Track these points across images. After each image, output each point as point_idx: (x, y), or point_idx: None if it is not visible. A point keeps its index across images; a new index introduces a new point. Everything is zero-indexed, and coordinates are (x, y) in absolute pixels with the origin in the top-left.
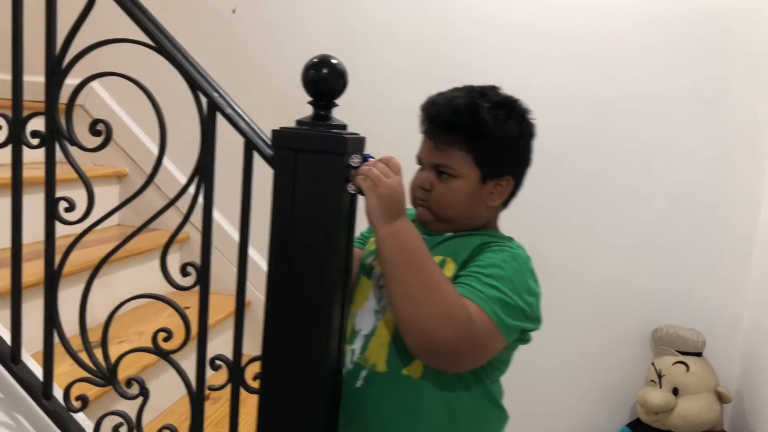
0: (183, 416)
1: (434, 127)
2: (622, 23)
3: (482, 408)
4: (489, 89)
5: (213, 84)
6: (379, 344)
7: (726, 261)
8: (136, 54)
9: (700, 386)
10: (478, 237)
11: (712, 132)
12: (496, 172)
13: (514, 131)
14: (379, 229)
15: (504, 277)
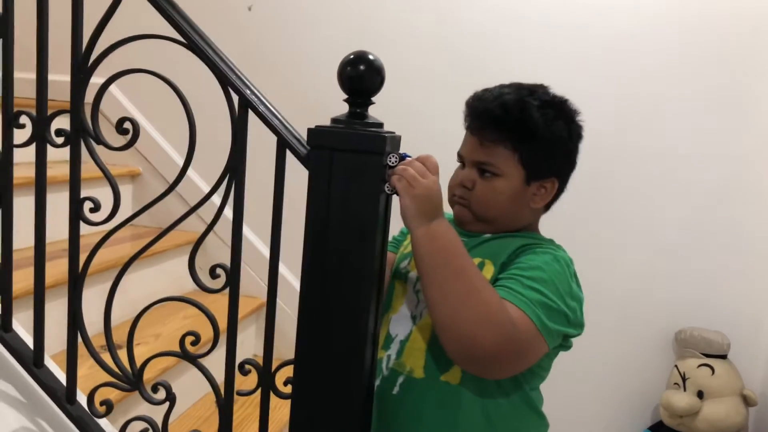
0: (202, 418)
1: (480, 123)
2: (653, 22)
3: (522, 415)
4: (538, 87)
5: (245, 80)
6: (416, 350)
7: (750, 263)
8: (151, 53)
9: (726, 389)
10: (519, 239)
11: (736, 134)
12: (542, 173)
13: (563, 132)
14: (414, 230)
15: (546, 280)
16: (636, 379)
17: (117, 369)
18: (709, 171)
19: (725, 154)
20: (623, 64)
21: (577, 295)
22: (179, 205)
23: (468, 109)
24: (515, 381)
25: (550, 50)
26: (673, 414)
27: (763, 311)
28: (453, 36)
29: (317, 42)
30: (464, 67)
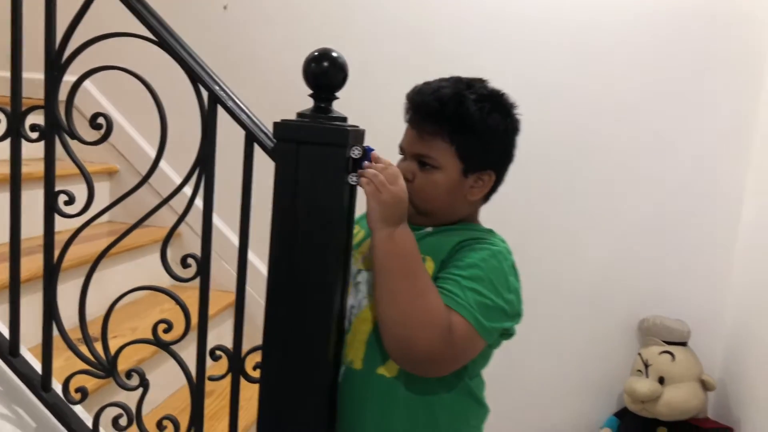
0: (178, 409)
1: (418, 117)
2: (614, 20)
3: (462, 404)
4: (476, 81)
5: (214, 77)
6: (358, 341)
7: (710, 254)
8: (126, 50)
9: (686, 375)
10: (458, 234)
11: (697, 130)
12: (479, 165)
13: (499, 125)
14: (376, 232)
15: (484, 278)
16: (601, 366)
17: (92, 357)
18: (672, 166)
19: (687, 150)
20: (589, 62)
21: (515, 287)
22: (156, 200)
23: (408, 103)
24: (454, 372)
25: (520, 46)
26: (636, 399)
27: (722, 300)
28: (429, 31)
29: (293, 39)
30: (440, 61)
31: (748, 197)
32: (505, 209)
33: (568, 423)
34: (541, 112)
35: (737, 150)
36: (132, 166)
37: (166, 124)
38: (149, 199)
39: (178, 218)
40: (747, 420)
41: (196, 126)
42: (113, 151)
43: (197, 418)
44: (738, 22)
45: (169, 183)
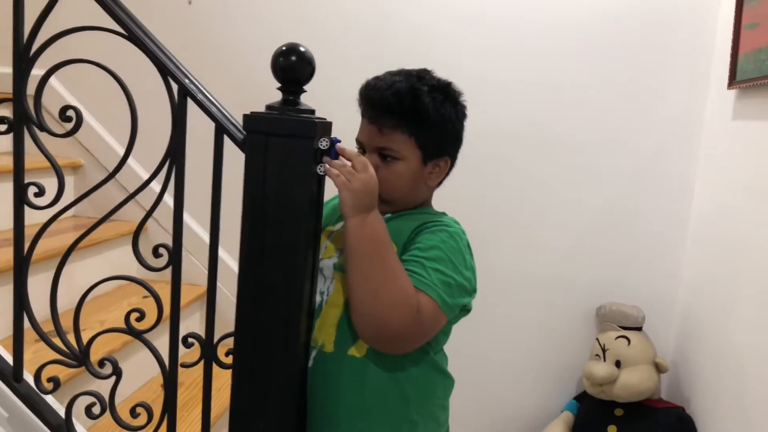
0: (150, 399)
1: (377, 112)
2: (571, 18)
3: (429, 378)
4: (424, 73)
5: (183, 70)
6: (327, 325)
7: (663, 243)
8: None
9: (640, 358)
10: (415, 218)
11: (649, 125)
12: (436, 153)
13: (451, 114)
14: (348, 219)
15: (444, 258)
16: (561, 352)
17: (64, 347)
18: (626, 158)
19: (641, 143)
20: (545, 59)
21: (471, 265)
22: (121, 194)
23: (363, 99)
24: (420, 348)
25: (478, 44)
26: (594, 383)
27: (674, 287)
28: (394, 29)
29: (259, 35)
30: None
31: (698, 190)
32: (468, 203)
33: (530, 407)
34: (499, 108)
35: (687, 144)
36: (96, 160)
37: (137, 118)
38: (114, 193)
39: (148, 211)
40: (696, 399)
41: (160, 120)
42: (77, 146)
43: (170, 404)
44: (686, 22)
45: (135, 177)
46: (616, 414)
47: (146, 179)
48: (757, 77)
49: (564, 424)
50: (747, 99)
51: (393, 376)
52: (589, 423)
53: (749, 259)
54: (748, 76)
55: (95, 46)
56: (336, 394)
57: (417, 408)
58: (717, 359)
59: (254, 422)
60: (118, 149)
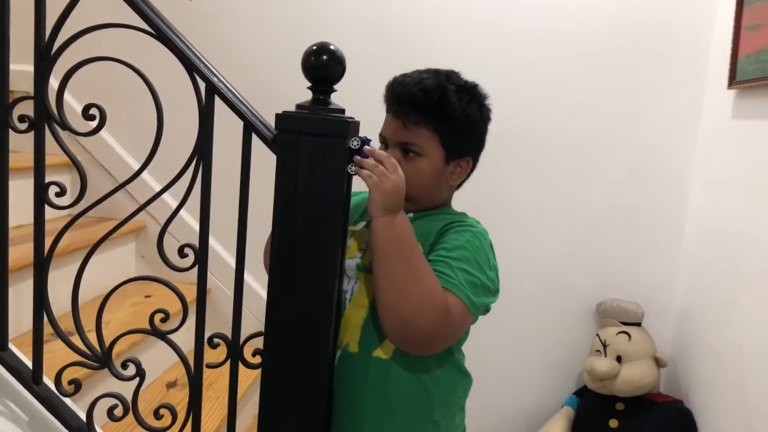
0: (157, 399)
1: (403, 107)
2: (572, 20)
3: (451, 377)
4: (452, 73)
5: (211, 68)
6: (352, 326)
7: (661, 241)
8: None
9: (641, 353)
10: (440, 218)
11: (648, 124)
12: (459, 152)
13: (477, 115)
14: (376, 220)
15: (470, 258)
16: (562, 348)
17: (86, 348)
18: (627, 156)
19: (641, 142)
20: (547, 60)
21: (494, 265)
22: (123, 194)
23: (390, 94)
24: (445, 349)
25: (479, 46)
26: (596, 378)
27: (672, 284)
28: (395, 29)
29: (262, 33)
30: (405, 57)
31: (695, 188)
32: (468, 203)
33: (532, 402)
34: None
35: (684, 142)
36: (94, 158)
37: (162, 117)
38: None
39: (174, 210)
40: (694, 393)
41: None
42: (73, 144)
43: (195, 405)
44: (684, 24)
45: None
46: (617, 408)
47: (176, 175)
48: (759, 77)
49: (565, 419)
50: (747, 99)
51: (418, 377)
52: (591, 417)
53: (746, 256)
54: (749, 76)
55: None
56: (361, 395)
57: (440, 408)
58: (715, 353)
59: (284, 421)
60: (115, 146)
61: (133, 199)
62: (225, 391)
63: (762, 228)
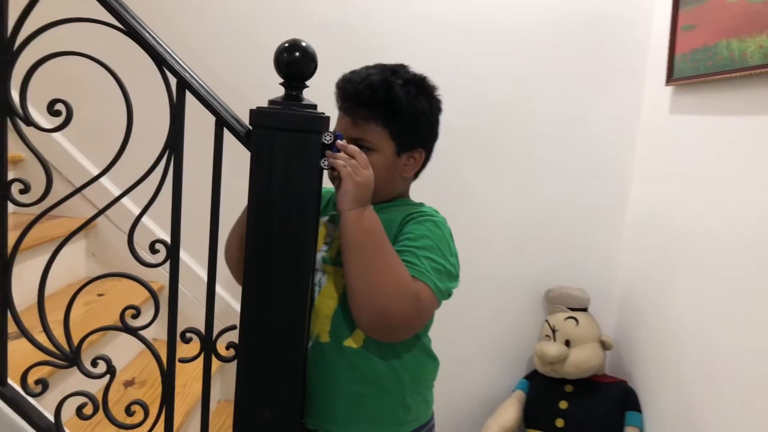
0: (114, 398)
1: (352, 104)
2: (519, 20)
3: (421, 361)
4: (399, 67)
5: (181, 63)
6: (322, 317)
7: (605, 229)
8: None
9: (588, 337)
10: (399, 210)
11: (592, 117)
12: (410, 144)
13: (425, 106)
14: (348, 211)
15: (433, 247)
16: (513, 334)
17: (53, 347)
18: (572, 148)
19: (580, 138)
20: (496, 56)
21: (455, 252)
22: (66, 188)
23: (338, 91)
24: (422, 344)
25: (434, 46)
26: (546, 362)
27: (615, 270)
28: (356, 26)
29: (224, 28)
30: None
31: (635, 179)
32: (422, 196)
33: (485, 388)
34: (452, 103)
35: (625, 136)
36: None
37: (132, 113)
38: (59, 188)
39: (144, 207)
40: (637, 373)
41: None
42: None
43: (168, 401)
44: (625, 23)
45: (80, 170)
46: (567, 390)
47: (146, 172)
48: (694, 75)
49: (517, 403)
50: (684, 95)
51: (389, 364)
52: (542, 400)
53: (682, 242)
54: (685, 74)
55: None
56: (333, 384)
57: (410, 392)
58: (655, 335)
59: (260, 412)
60: (62, 142)
61: (82, 195)
62: (184, 386)
63: (697, 216)
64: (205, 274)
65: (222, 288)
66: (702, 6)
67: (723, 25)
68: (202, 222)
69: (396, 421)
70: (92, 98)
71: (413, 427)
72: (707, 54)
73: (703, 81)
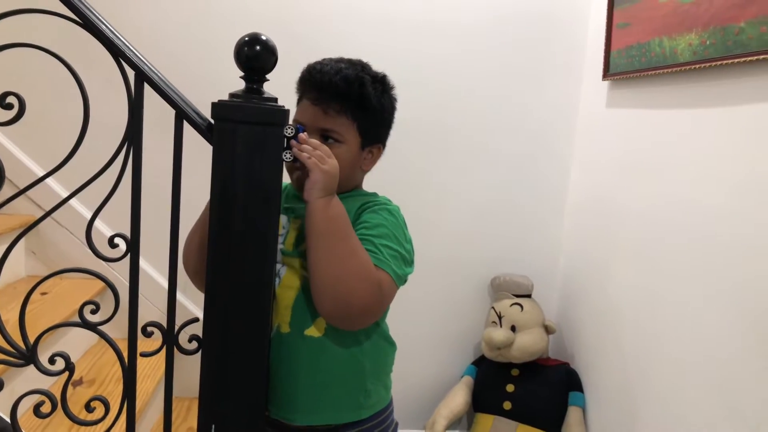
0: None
1: (323, 95)
2: (463, 17)
3: (380, 347)
4: (364, 63)
5: (139, 55)
6: (283, 307)
7: (547, 218)
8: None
9: (532, 322)
10: (357, 199)
11: (534, 110)
12: (373, 139)
13: (388, 104)
14: (315, 200)
15: (390, 235)
16: (461, 321)
17: (8, 345)
18: (516, 141)
19: (522, 131)
20: (442, 55)
21: (409, 238)
22: (6, 188)
23: (308, 81)
24: (381, 329)
25: (378, 44)
26: (493, 347)
27: (558, 258)
28: (293, 21)
29: (160, 23)
30: (303, 50)
31: (575, 169)
32: (375, 182)
33: (435, 374)
34: (404, 95)
35: (565, 128)
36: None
37: (89, 106)
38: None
39: (107, 194)
40: (578, 355)
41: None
42: None
43: (130, 396)
44: (562, 21)
45: (19, 167)
46: (513, 374)
47: (104, 166)
48: (628, 71)
49: (466, 388)
50: (619, 89)
51: (349, 351)
52: (489, 384)
53: (620, 228)
54: (620, 69)
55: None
56: (295, 373)
57: (371, 378)
58: (596, 318)
59: (224, 403)
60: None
61: (15, 186)
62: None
63: (631, 202)
64: (159, 275)
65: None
66: (636, 5)
67: (655, 24)
68: (156, 222)
69: (357, 407)
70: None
71: (373, 412)
72: (641, 51)
73: (637, 76)
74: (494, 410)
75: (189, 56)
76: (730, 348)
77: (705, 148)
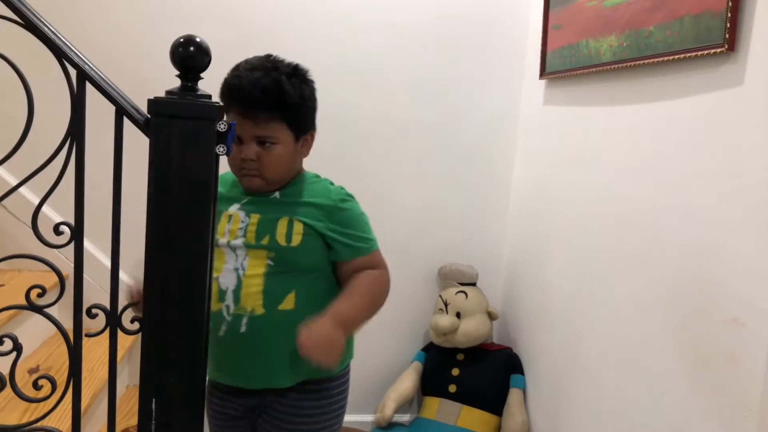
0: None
1: (248, 108)
2: (408, 17)
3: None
4: (277, 61)
5: (81, 55)
6: (252, 293)
7: (491, 209)
8: None
9: (476, 309)
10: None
11: (479, 110)
12: (304, 129)
13: (308, 92)
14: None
15: (364, 221)
16: (410, 309)
17: None
18: (462, 139)
19: (468, 127)
20: (390, 54)
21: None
22: None
23: (229, 96)
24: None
25: (328, 40)
26: (439, 333)
27: (501, 248)
28: (245, 16)
29: (108, 20)
30: (254, 45)
31: (517, 163)
32: (331, 175)
33: (385, 360)
34: (348, 95)
35: (507, 124)
36: None
37: (33, 104)
38: None
39: (51, 186)
40: (520, 340)
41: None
42: None
43: (76, 373)
44: (504, 22)
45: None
46: (458, 359)
47: (48, 158)
48: (562, 70)
49: (415, 373)
50: (555, 88)
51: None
52: (436, 369)
53: (555, 216)
54: (555, 69)
55: None
56: (276, 347)
57: None
58: (534, 304)
59: (165, 377)
60: None
61: None
62: (91, 371)
63: (566, 193)
64: (107, 261)
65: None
66: (567, 8)
67: (583, 26)
68: (106, 209)
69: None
70: None
71: (344, 366)
72: (572, 51)
73: (568, 75)
74: (440, 393)
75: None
76: (645, 325)
77: (622, 142)
